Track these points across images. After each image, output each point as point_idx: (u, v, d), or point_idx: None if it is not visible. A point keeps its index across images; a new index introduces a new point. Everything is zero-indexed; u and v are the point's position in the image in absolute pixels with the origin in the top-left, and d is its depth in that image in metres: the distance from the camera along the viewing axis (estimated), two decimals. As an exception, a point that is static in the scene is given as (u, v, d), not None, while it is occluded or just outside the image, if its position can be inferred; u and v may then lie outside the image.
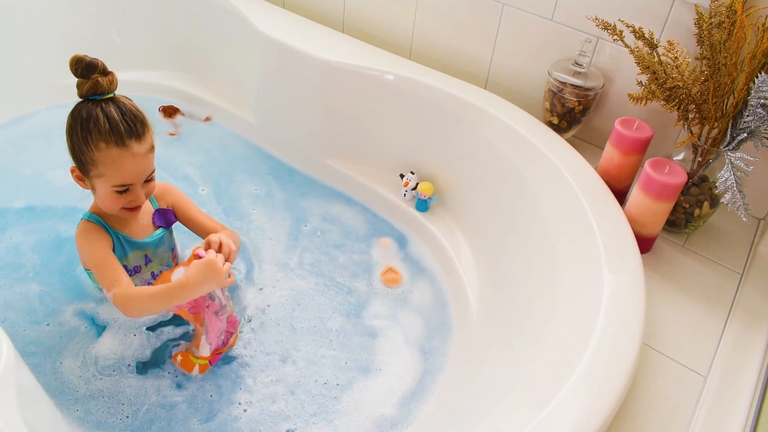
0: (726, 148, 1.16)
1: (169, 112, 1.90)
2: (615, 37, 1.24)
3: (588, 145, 1.54)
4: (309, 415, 1.19)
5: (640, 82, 1.26)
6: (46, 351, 1.25)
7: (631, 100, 1.27)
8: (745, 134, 1.13)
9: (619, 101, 1.43)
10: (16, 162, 1.69)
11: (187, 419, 1.17)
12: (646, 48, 1.21)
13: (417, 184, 1.56)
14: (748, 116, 1.11)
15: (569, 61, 1.42)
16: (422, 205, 1.56)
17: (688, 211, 1.26)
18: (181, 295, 1.08)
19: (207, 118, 1.90)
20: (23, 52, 1.79)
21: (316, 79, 1.58)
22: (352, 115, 1.61)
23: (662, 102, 1.22)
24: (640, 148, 1.26)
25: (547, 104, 1.47)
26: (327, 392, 1.23)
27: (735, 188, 1.09)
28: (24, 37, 1.77)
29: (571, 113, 1.44)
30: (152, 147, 1.14)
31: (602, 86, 1.40)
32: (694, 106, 1.20)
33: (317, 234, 1.57)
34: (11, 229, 1.50)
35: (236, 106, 1.87)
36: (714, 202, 1.25)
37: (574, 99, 1.40)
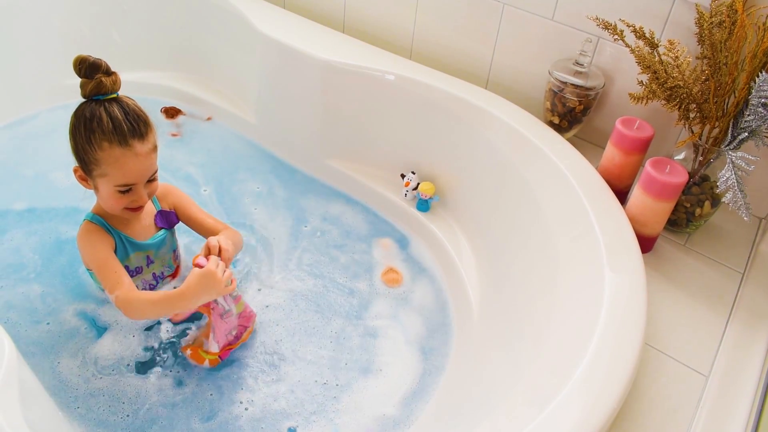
0: (727, 147, 1.16)
1: (171, 113, 1.90)
2: (616, 36, 1.24)
3: (589, 144, 1.54)
4: (309, 413, 1.20)
5: (641, 81, 1.26)
6: (45, 351, 1.25)
7: (632, 99, 1.27)
8: (746, 133, 1.13)
9: (620, 101, 1.43)
10: (17, 163, 1.69)
11: (188, 418, 1.17)
12: (647, 47, 1.21)
13: (418, 184, 1.56)
14: (749, 115, 1.11)
15: (570, 60, 1.42)
16: (423, 205, 1.56)
17: (689, 211, 1.26)
18: (180, 304, 1.10)
19: (208, 118, 1.90)
20: (24, 53, 1.79)
21: (316, 80, 1.58)
22: (352, 116, 1.62)
23: (663, 101, 1.22)
24: (641, 147, 1.26)
25: (547, 104, 1.47)
26: (327, 392, 1.23)
27: (736, 187, 1.09)
28: (25, 38, 1.78)
29: (571, 113, 1.44)
30: (155, 147, 1.14)
31: (603, 86, 1.40)
32: (694, 105, 1.20)
33: (317, 234, 1.57)
34: (12, 230, 1.50)
35: (237, 107, 1.87)
36: (715, 201, 1.25)
37: (575, 99, 1.40)
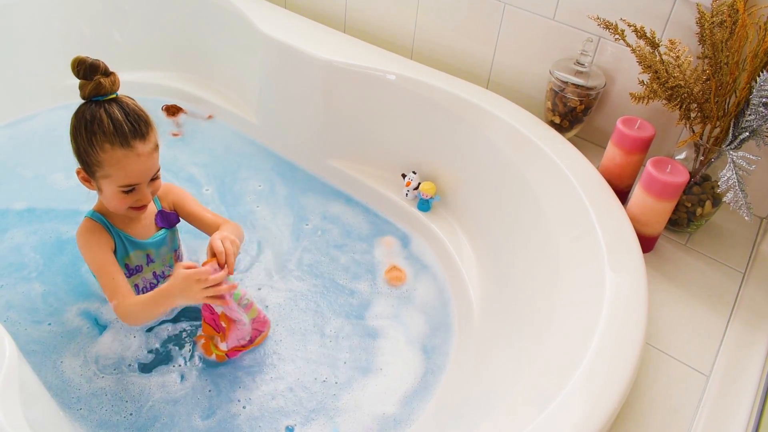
0: (728, 147, 1.16)
1: (172, 111, 1.90)
2: (617, 36, 1.24)
3: (590, 144, 1.54)
4: (308, 412, 1.20)
5: (642, 81, 1.26)
6: (47, 350, 1.25)
7: (633, 99, 1.27)
8: (747, 133, 1.13)
9: (621, 100, 1.43)
10: (17, 163, 1.69)
11: (189, 415, 1.17)
12: (648, 47, 1.21)
13: (419, 183, 1.56)
14: (750, 115, 1.11)
15: (571, 60, 1.42)
16: (424, 205, 1.56)
17: (690, 210, 1.26)
18: (163, 301, 1.11)
19: (209, 117, 1.90)
20: (25, 53, 1.79)
21: (317, 80, 1.58)
22: (353, 115, 1.62)
23: (664, 101, 1.22)
24: (642, 147, 1.26)
25: (548, 104, 1.47)
26: (326, 390, 1.23)
27: (737, 187, 1.09)
28: (26, 38, 1.78)
29: (572, 112, 1.44)
30: (156, 146, 1.14)
31: (604, 85, 1.40)
32: (695, 105, 1.20)
33: (318, 233, 1.57)
34: (12, 230, 1.50)
35: (238, 107, 1.87)
36: (716, 201, 1.25)
37: (576, 98, 1.40)
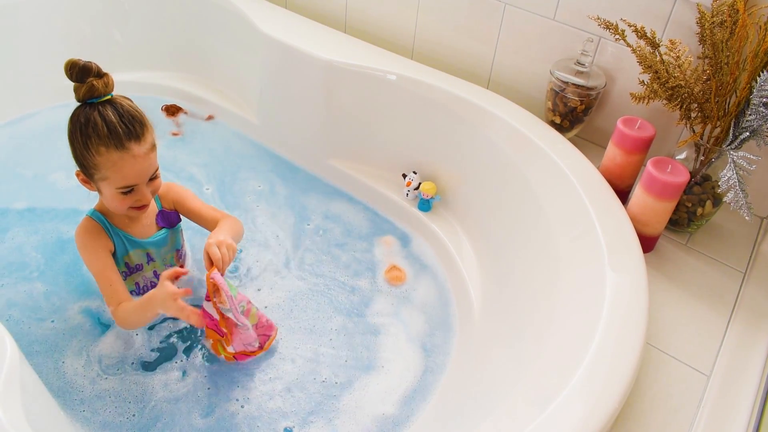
0: (728, 147, 1.16)
1: (172, 110, 1.90)
2: (617, 36, 1.24)
3: (590, 144, 1.54)
4: (307, 413, 1.19)
5: (642, 81, 1.26)
6: (49, 349, 1.25)
7: (634, 99, 1.27)
8: (747, 133, 1.13)
9: (622, 100, 1.43)
10: (17, 162, 1.69)
11: (189, 413, 1.17)
12: (648, 47, 1.21)
13: (419, 183, 1.56)
14: (750, 115, 1.11)
15: (571, 60, 1.42)
16: (425, 205, 1.56)
17: (690, 210, 1.26)
18: (149, 308, 1.15)
19: (209, 117, 1.90)
20: (26, 52, 1.79)
21: (318, 80, 1.58)
22: (354, 115, 1.62)
23: (664, 101, 1.22)
24: (643, 147, 1.26)
25: (549, 104, 1.47)
26: (326, 390, 1.23)
27: (738, 187, 1.09)
28: (27, 37, 1.78)
29: (573, 113, 1.44)
30: (153, 146, 1.14)
31: (604, 85, 1.40)
32: (696, 105, 1.20)
33: (320, 232, 1.57)
34: (13, 229, 1.50)
35: (239, 107, 1.87)
36: (716, 201, 1.25)
37: (577, 98, 1.40)
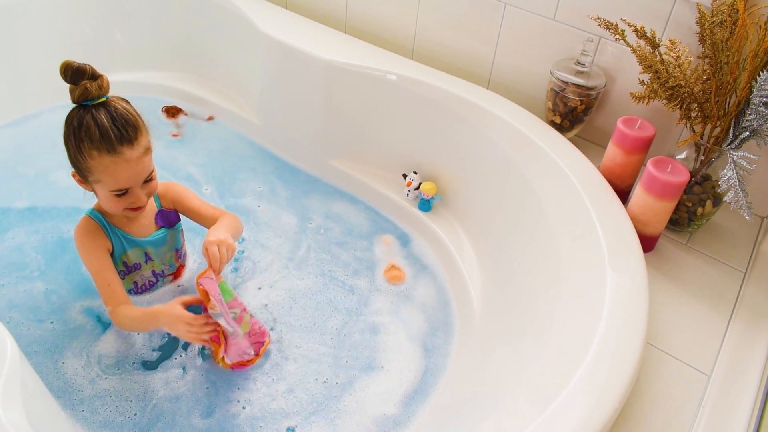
0: (728, 146, 1.16)
1: (172, 112, 1.90)
2: (617, 36, 1.24)
3: (590, 144, 1.54)
4: (309, 413, 1.19)
5: (642, 81, 1.26)
6: (49, 349, 1.25)
7: (634, 99, 1.27)
8: (747, 133, 1.13)
9: (622, 100, 1.43)
10: (18, 162, 1.69)
11: (189, 412, 1.17)
12: (648, 47, 1.21)
13: (420, 183, 1.56)
14: (750, 115, 1.11)
15: (571, 60, 1.42)
16: (425, 205, 1.56)
17: (690, 210, 1.26)
18: (152, 323, 1.17)
19: (210, 118, 1.91)
20: (27, 52, 1.79)
21: (318, 80, 1.58)
22: (354, 116, 1.62)
23: (664, 101, 1.22)
24: (643, 147, 1.26)
25: (549, 103, 1.47)
26: (327, 391, 1.23)
27: (738, 187, 1.09)
28: (28, 37, 1.78)
29: (573, 112, 1.44)
30: (147, 149, 1.12)
31: (604, 85, 1.40)
32: (696, 104, 1.20)
33: (320, 232, 1.57)
34: (14, 229, 1.50)
35: (239, 107, 1.87)
36: (717, 200, 1.25)
37: (577, 98, 1.40)
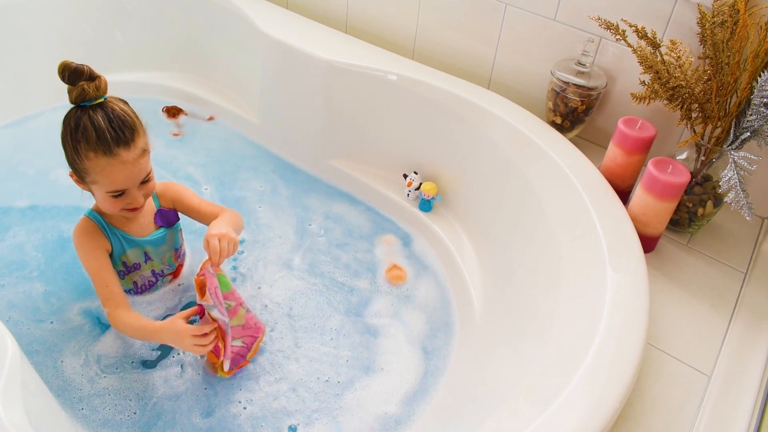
0: (729, 147, 1.16)
1: (173, 112, 1.90)
2: (618, 36, 1.24)
3: (591, 144, 1.54)
4: (311, 411, 1.20)
5: (643, 81, 1.26)
6: (49, 349, 1.25)
7: (634, 99, 1.27)
8: (748, 133, 1.13)
9: (622, 101, 1.43)
10: (19, 161, 1.70)
11: (189, 412, 1.17)
12: (649, 47, 1.21)
13: (420, 184, 1.56)
14: (751, 115, 1.11)
15: (572, 60, 1.42)
16: (426, 205, 1.56)
17: (691, 211, 1.26)
18: (153, 338, 1.18)
19: (210, 118, 1.91)
20: (28, 52, 1.79)
21: (319, 80, 1.58)
22: (355, 116, 1.62)
23: (665, 101, 1.22)
24: (644, 147, 1.26)
25: (550, 104, 1.47)
26: (329, 389, 1.23)
27: (738, 187, 1.09)
28: (28, 37, 1.78)
29: (574, 113, 1.44)
30: (144, 151, 1.12)
31: (605, 86, 1.40)
32: (697, 105, 1.20)
33: (321, 232, 1.57)
34: (15, 228, 1.50)
35: (240, 107, 1.87)
36: (717, 201, 1.25)
37: (577, 99, 1.40)
